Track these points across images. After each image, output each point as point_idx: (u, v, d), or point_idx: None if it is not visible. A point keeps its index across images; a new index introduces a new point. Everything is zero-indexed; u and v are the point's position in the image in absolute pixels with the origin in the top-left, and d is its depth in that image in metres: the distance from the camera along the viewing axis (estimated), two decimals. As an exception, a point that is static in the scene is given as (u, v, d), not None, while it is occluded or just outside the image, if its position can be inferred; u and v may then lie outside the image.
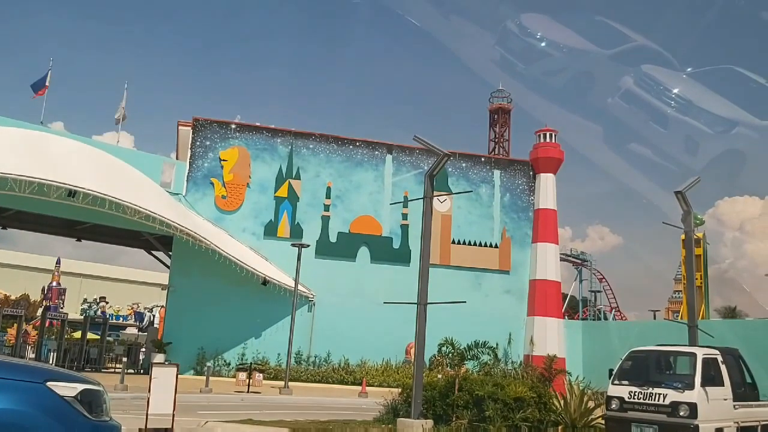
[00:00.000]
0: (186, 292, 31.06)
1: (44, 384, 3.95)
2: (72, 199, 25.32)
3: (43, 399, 3.90)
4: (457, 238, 36.09)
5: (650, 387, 11.48)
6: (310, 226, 33.97)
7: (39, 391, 3.90)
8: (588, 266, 53.88)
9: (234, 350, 31.24)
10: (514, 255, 36.91)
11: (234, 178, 33.45)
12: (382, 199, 35.02)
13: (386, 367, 31.76)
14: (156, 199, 28.13)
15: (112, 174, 26.93)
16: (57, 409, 3.91)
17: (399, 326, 27.26)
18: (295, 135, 35.25)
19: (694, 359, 11.56)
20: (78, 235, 34.57)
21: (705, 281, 39.68)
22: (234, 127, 34.47)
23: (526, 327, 35.99)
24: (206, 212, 32.41)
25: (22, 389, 3.87)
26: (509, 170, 38.38)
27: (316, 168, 34.94)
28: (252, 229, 33.22)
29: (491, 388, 12.72)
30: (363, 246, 34.60)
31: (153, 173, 30.56)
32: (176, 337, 30.22)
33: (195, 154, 33.34)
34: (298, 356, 31.34)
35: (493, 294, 35.81)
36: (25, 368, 4.46)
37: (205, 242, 28.55)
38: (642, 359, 12.61)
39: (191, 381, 24.58)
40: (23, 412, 3.80)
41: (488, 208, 37.23)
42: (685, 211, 17.66)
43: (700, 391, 11.03)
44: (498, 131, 53.36)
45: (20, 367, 4.55)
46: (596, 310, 54.75)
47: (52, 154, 25.58)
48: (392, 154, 36.34)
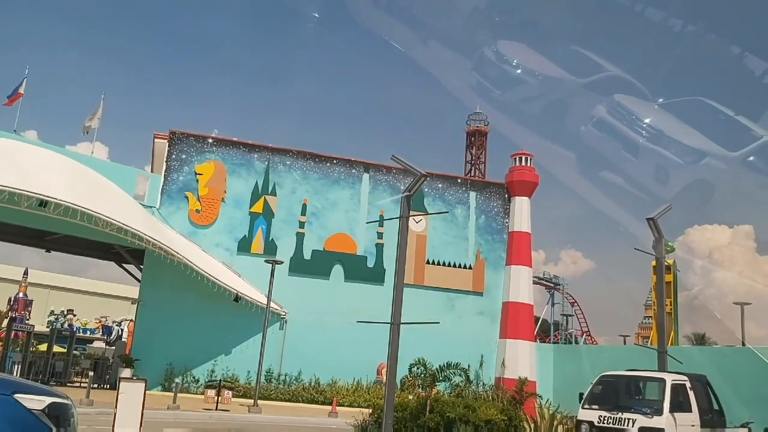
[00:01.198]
0: (156, 307, 30.62)
1: (11, 396, 3.87)
2: (43, 209, 24.91)
3: (10, 411, 3.82)
4: (432, 258, 36.18)
5: (620, 412, 11.59)
6: (285, 243, 33.82)
7: (6, 402, 3.82)
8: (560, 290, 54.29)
9: (203, 366, 30.81)
10: (487, 277, 37.08)
11: (209, 192, 33.23)
12: (358, 218, 35.04)
13: (357, 387, 31.55)
14: (129, 212, 27.78)
15: (85, 185, 26.56)
16: (24, 422, 3.84)
17: (371, 346, 27.18)
18: (272, 151, 35.18)
19: (663, 385, 11.72)
20: (47, 246, 33.97)
21: (675, 307, 40.22)
22: (211, 141, 34.31)
23: (498, 349, 36.08)
24: (180, 226, 32.11)
25: (-11, 401, 3.79)
26: (485, 192, 38.69)
27: (293, 184, 34.88)
28: (226, 245, 32.97)
29: (462, 410, 12.71)
30: (337, 264, 34.50)
31: (127, 185, 30.24)
32: (145, 352, 29.71)
33: (170, 167, 33.08)
34: (269, 374, 31.02)
35: (466, 315, 35.89)
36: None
37: (177, 256, 28.24)
38: (612, 384, 12.74)
39: (159, 397, 24.18)
40: (-11, 424, 3.72)
41: (463, 229, 37.44)
42: (656, 238, 17.92)
43: (668, 417, 11.17)
44: (474, 153, 53.80)
45: (-14, 379, 4.46)
46: (567, 333, 55.09)
47: (24, 162, 25.17)
48: (369, 172, 36.44)
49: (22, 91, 30.84)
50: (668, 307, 37.10)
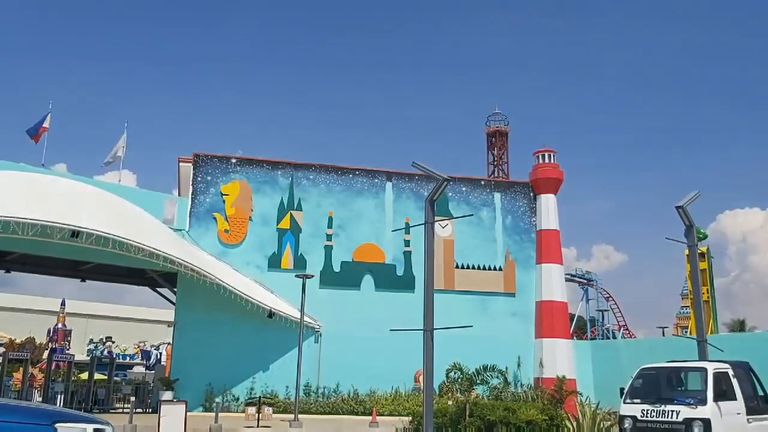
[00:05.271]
0: (192, 328, 30.95)
1: (53, 426, 3.94)
2: (75, 239, 25.36)
3: (53, 441, 3.89)
4: (461, 262, 36.02)
5: (662, 404, 11.40)
6: (314, 257, 33.98)
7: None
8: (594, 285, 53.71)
9: (242, 384, 31.02)
10: (518, 277, 36.79)
11: (236, 212, 33.57)
12: (384, 227, 35.04)
13: (396, 396, 31.48)
14: (159, 236, 28.17)
15: (114, 213, 27.03)
16: (67, 451, 3.91)
17: (407, 353, 27.06)
18: (294, 167, 35.44)
19: (705, 374, 11.50)
20: (82, 276, 34.56)
21: (712, 295, 39.49)
22: (234, 161, 34.68)
23: (535, 349, 35.74)
24: (210, 247, 32.46)
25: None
26: (509, 192, 38.45)
27: (317, 198, 35.07)
28: (256, 262, 33.22)
29: (502, 412, 12.61)
30: (367, 274, 34.55)
31: (155, 210, 30.67)
32: (184, 374, 30.03)
33: (197, 189, 33.51)
34: (307, 388, 31.09)
35: (499, 317, 35.63)
36: (33, 411, 4.46)
37: (209, 277, 28.53)
38: (652, 376, 12.53)
39: (200, 418, 24.37)
40: (32, 455, 3.80)
41: (490, 231, 37.22)
42: (687, 226, 17.67)
43: (713, 407, 10.95)
44: (496, 154, 53.54)
45: (29, 410, 4.55)
46: (604, 329, 54.42)
47: (54, 195, 25.70)
48: (392, 181, 36.48)
49: (47, 125, 31.51)
50: (705, 295, 36.46)
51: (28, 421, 3.98)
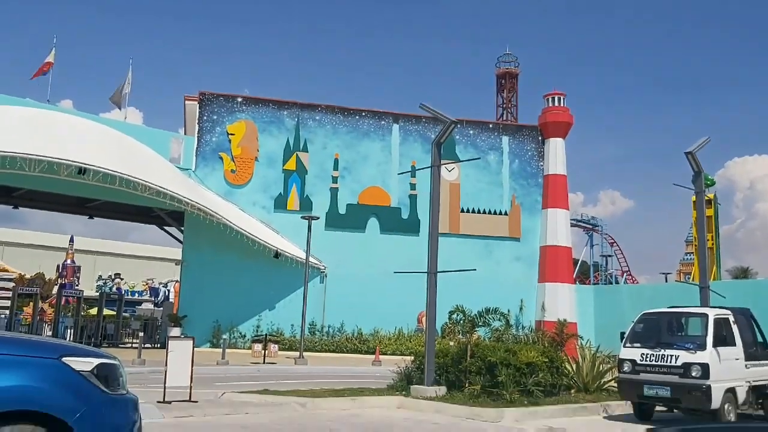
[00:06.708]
0: (199, 267, 31.32)
1: (59, 360, 4.01)
2: (82, 176, 25.40)
3: (59, 374, 3.96)
4: (466, 206, 36.03)
5: (662, 349, 11.50)
6: (319, 198, 34.03)
7: (55, 366, 3.97)
8: (599, 231, 53.77)
9: (249, 322, 31.58)
10: (524, 222, 36.85)
11: (242, 152, 33.46)
12: (390, 170, 34.94)
13: (399, 336, 32.05)
14: (166, 175, 28.19)
15: (121, 150, 26.98)
16: (73, 384, 3.98)
17: (410, 295, 27.37)
18: (301, 107, 35.12)
19: (706, 320, 11.57)
20: (89, 213, 34.76)
21: (716, 242, 39.56)
22: (240, 100, 34.37)
23: (537, 293, 36.10)
24: (216, 187, 32.50)
25: (38, 365, 3.93)
26: (518, 136, 38.11)
27: (323, 140, 34.87)
28: (262, 203, 33.32)
29: (503, 353, 12.75)
30: (372, 217, 34.65)
31: (162, 149, 30.61)
32: (191, 311, 30.57)
33: (203, 128, 33.34)
34: (312, 327, 31.63)
35: (503, 261, 35.87)
36: (40, 345, 4.53)
37: (216, 217, 28.67)
38: (654, 321, 12.62)
39: (208, 353, 24.91)
40: (40, 387, 3.87)
41: (497, 175, 37.08)
42: (695, 172, 17.52)
43: (711, 352, 11.05)
44: (506, 96, 52.86)
45: (35, 343, 4.62)
46: (608, 274, 54.76)
47: (61, 132, 25.61)
48: (399, 123, 36.16)
49: (51, 60, 31.13)
50: (710, 242, 36.48)
51: (35, 354, 4.04)
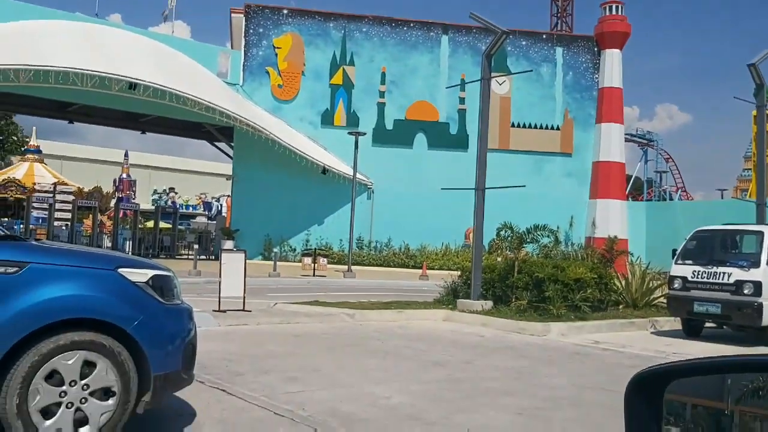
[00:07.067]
0: (249, 182, 31.83)
1: (115, 271, 4.14)
2: (133, 91, 25.69)
3: (116, 285, 4.10)
4: (517, 121, 35.25)
5: (714, 266, 11.28)
6: (366, 114, 33.75)
7: (111, 277, 4.10)
8: (654, 146, 52.14)
9: (298, 237, 32.24)
10: (576, 137, 35.94)
11: (289, 66, 33.17)
12: (439, 83, 34.16)
13: (446, 251, 32.30)
14: (214, 90, 28.29)
15: (170, 65, 27.07)
16: (129, 294, 4.12)
17: (458, 212, 27.36)
18: (347, 18, 34.34)
19: (761, 237, 11.23)
20: (142, 128, 35.43)
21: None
22: (286, 12, 33.79)
23: (588, 209, 35.62)
24: (263, 102, 32.51)
25: (95, 276, 4.07)
26: (572, 47, 36.63)
27: (370, 53, 34.20)
28: (309, 119, 33.27)
29: (551, 269, 12.70)
30: (420, 132, 34.29)
31: (209, 63, 30.59)
32: (243, 225, 31.33)
33: (249, 42, 33.06)
34: (360, 242, 32.09)
35: (554, 177, 35.28)
36: (97, 256, 4.69)
37: (264, 132, 28.84)
38: (707, 239, 12.33)
39: (259, 266, 25.64)
40: (99, 297, 4.03)
41: (550, 88, 35.96)
42: (757, 85, 16.75)
43: (765, 270, 10.79)
44: (560, 5, 50.45)
45: (93, 255, 4.79)
46: (662, 190, 53.52)
47: (111, 46, 25.77)
48: (448, 34, 35.08)
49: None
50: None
51: (92, 265, 4.18)
